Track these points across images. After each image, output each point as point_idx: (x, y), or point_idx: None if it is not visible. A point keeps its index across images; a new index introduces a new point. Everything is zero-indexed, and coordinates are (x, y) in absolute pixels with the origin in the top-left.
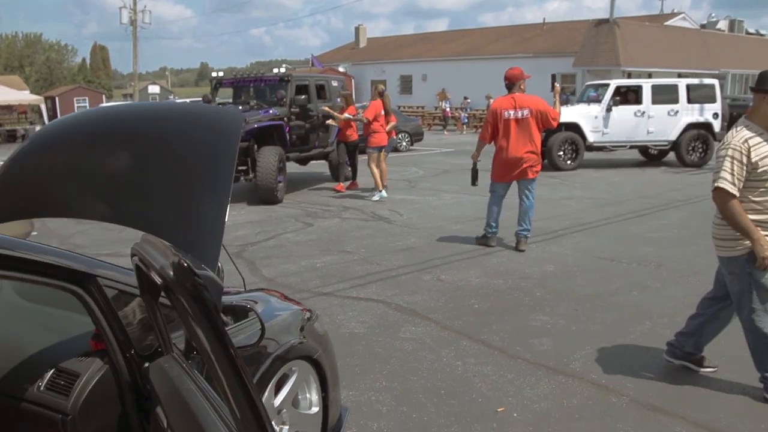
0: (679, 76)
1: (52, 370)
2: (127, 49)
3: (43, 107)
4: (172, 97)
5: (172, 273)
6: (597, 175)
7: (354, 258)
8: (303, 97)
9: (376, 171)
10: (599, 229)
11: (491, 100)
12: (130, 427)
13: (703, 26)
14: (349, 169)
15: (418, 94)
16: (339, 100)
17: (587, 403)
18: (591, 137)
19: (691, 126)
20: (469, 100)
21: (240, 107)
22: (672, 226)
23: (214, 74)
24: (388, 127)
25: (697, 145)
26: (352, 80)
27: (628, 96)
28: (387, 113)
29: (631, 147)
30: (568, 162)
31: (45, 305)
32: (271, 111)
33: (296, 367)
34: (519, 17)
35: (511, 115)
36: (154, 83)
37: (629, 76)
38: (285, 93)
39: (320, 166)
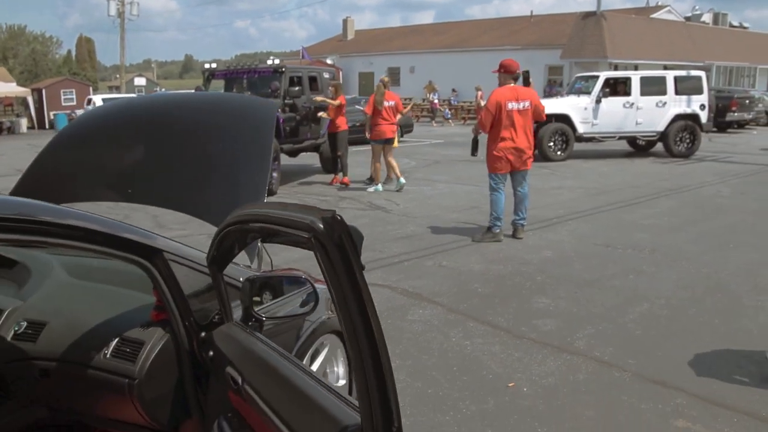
0: (665, 68)
1: (117, 340)
2: (110, 41)
3: (30, 99)
4: (158, 89)
5: (322, 225)
6: (587, 165)
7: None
8: (297, 88)
9: (377, 165)
10: (593, 217)
11: (480, 92)
12: (185, 392)
13: (687, 19)
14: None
15: (406, 86)
16: (330, 89)
17: (592, 378)
18: (581, 128)
19: (678, 117)
20: (456, 92)
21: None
22: (662, 214)
23: (206, 65)
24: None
25: (684, 136)
26: (340, 72)
27: (617, 88)
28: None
29: (620, 138)
30: (558, 152)
31: (96, 283)
32: None
33: (327, 341)
34: (506, 9)
35: (515, 106)
36: (140, 75)
37: (616, 68)
38: (279, 84)
39: (310, 158)
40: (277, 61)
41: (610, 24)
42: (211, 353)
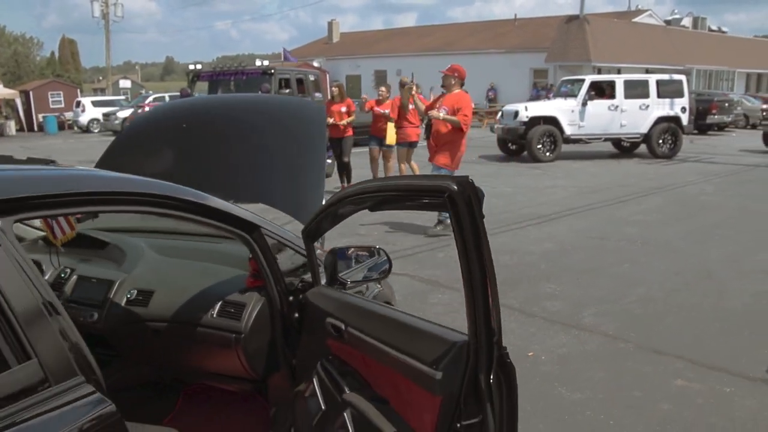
0: (647, 71)
1: (221, 302)
2: (90, 43)
3: (18, 101)
4: (143, 91)
5: (456, 187)
6: (576, 165)
7: (369, 239)
8: (287, 90)
9: (403, 167)
10: (587, 213)
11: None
12: (276, 348)
13: (667, 23)
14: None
15: (394, 89)
16: (333, 90)
17: (600, 348)
18: (568, 130)
19: (661, 119)
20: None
21: None
22: (651, 210)
23: (191, 66)
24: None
25: (666, 138)
26: (327, 75)
27: (603, 91)
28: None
29: (606, 139)
30: (547, 154)
31: (185, 259)
32: None
33: None
34: (487, 12)
35: None
36: (125, 77)
37: (599, 71)
38: (270, 86)
39: None
40: (266, 63)
41: (593, 28)
42: (297, 315)
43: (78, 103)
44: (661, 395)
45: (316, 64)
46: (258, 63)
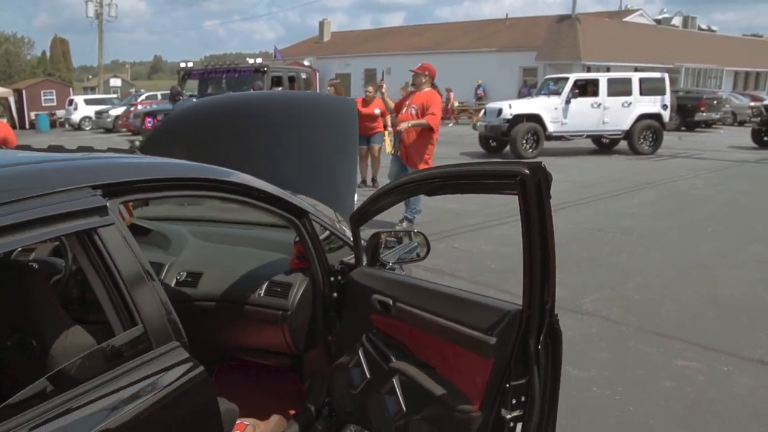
0: (636, 70)
1: (267, 282)
2: (77, 42)
3: (11, 100)
4: (133, 90)
5: (527, 171)
6: (561, 162)
7: (370, 232)
8: (279, 88)
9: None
10: (582, 207)
11: (451, 93)
12: (316, 325)
13: (657, 21)
14: None
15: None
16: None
17: (603, 331)
18: (551, 127)
19: (642, 116)
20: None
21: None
22: (645, 204)
23: (182, 64)
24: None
25: (647, 135)
26: (317, 74)
27: (586, 89)
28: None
29: (588, 136)
30: (530, 150)
31: (228, 245)
32: None
33: None
34: (476, 12)
35: None
36: (116, 76)
37: (589, 69)
38: (262, 84)
39: None
40: (259, 61)
41: (584, 27)
42: (336, 295)
43: (71, 102)
44: (663, 373)
45: (306, 62)
46: (250, 61)
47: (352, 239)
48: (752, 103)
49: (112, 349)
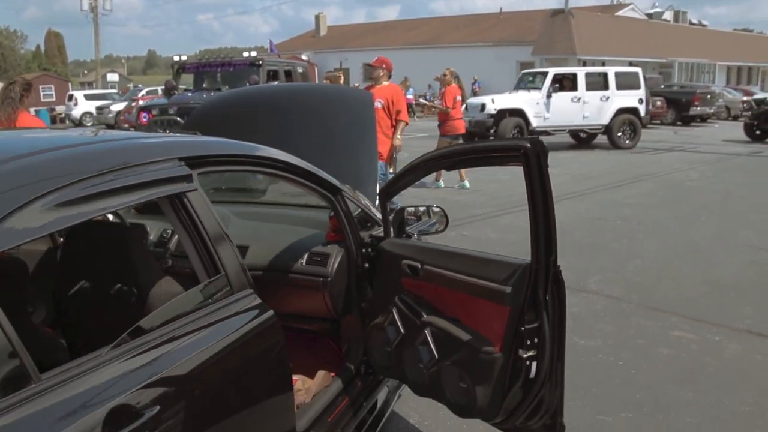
0: (630, 64)
1: (308, 253)
2: (70, 36)
3: None
4: (131, 85)
5: (529, 145)
6: (563, 156)
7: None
8: (276, 82)
9: None
10: (583, 197)
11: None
12: (350, 292)
13: (649, 16)
14: None
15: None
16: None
17: (606, 307)
18: (534, 122)
19: (620, 111)
20: (431, 89)
21: (212, 93)
22: (642, 194)
23: (176, 58)
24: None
25: (626, 129)
26: (315, 68)
27: (565, 83)
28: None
29: (569, 131)
30: None
31: (265, 222)
32: None
33: None
34: (471, 5)
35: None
36: (113, 71)
37: (584, 64)
38: (258, 78)
39: None
40: (254, 54)
41: (578, 21)
42: (367, 265)
43: (70, 97)
44: (661, 343)
45: (304, 57)
46: (245, 54)
47: (380, 214)
48: (745, 98)
49: (200, 292)
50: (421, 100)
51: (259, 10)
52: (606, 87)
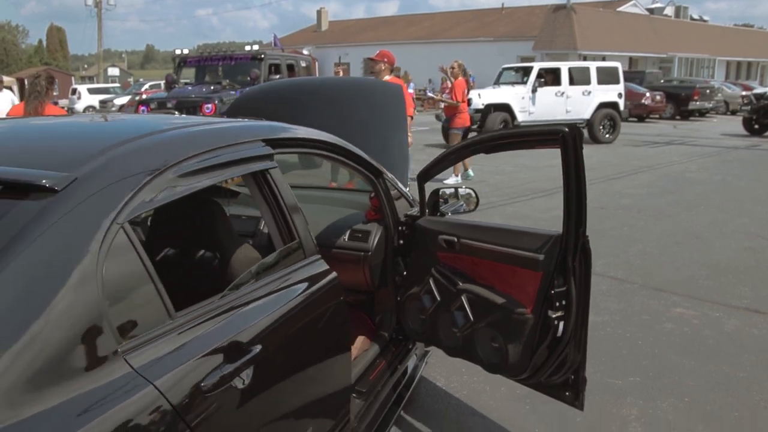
0: (631, 59)
1: (350, 230)
2: (70, 30)
3: (15, 89)
4: (131, 80)
5: (567, 129)
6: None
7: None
8: (277, 76)
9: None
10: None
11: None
12: (386, 267)
13: (650, 11)
14: None
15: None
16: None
17: (611, 288)
18: (520, 117)
19: (601, 105)
20: (431, 83)
21: (212, 87)
22: (642, 185)
23: (177, 51)
24: None
25: (606, 123)
26: (316, 63)
27: (547, 78)
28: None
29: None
30: None
31: (307, 203)
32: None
33: None
34: (471, 0)
35: None
36: (114, 65)
37: (585, 59)
38: (259, 72)
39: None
40: (255, 47)
41: (579, 17)
42: (402, 242)
43: (74, 91)
44: (664, 318)
45: (305, 51)
46: (247, 48)
47: (416, 195)
48: (744, 93)
49: (279, 256)
50: (429, 94)
51: (258, 6)
52: (588, 82)
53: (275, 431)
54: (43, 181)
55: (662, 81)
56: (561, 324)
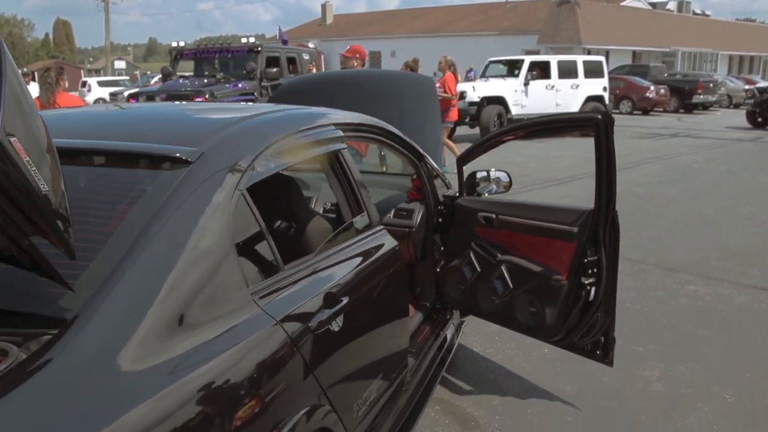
0: (634, 54)
1: (394, 209)
2: (73, 24)
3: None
4: (137, 72)
5: (600, 116)
6: (571, 140)
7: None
8: (275, 70)
9: (451, 144)
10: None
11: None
12: (426, 242)
13: (653, 5)
14: None
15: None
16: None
17: (626, 268)
18: (513, 110)
19: (588, 98)
20: (436, 76)
21: (205, 81)
22: (652, 175)
23: (174, 44)
24: None
25: None
26: (322, 56)
27: (537, 71)
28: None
29: None
30: None
31: None
32: (240, 85)
33: None
34: None
35: None
36: (120, 59)
37: (589, 52)
38: (255, 65)
39: None
40: (252, 40)
41: (583, 11)
42: (440, 220)
43: (84, 83)
44: (679, 294)
45: (311, 45)
46: (243, 40)
47: (454, 178)
48: (747, 87)
49: (350, 226)
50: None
51: None
52: (576, 75)
53: (357, 371)
54: (178, 154)
55: (666, 75)
56: (593, 289)
